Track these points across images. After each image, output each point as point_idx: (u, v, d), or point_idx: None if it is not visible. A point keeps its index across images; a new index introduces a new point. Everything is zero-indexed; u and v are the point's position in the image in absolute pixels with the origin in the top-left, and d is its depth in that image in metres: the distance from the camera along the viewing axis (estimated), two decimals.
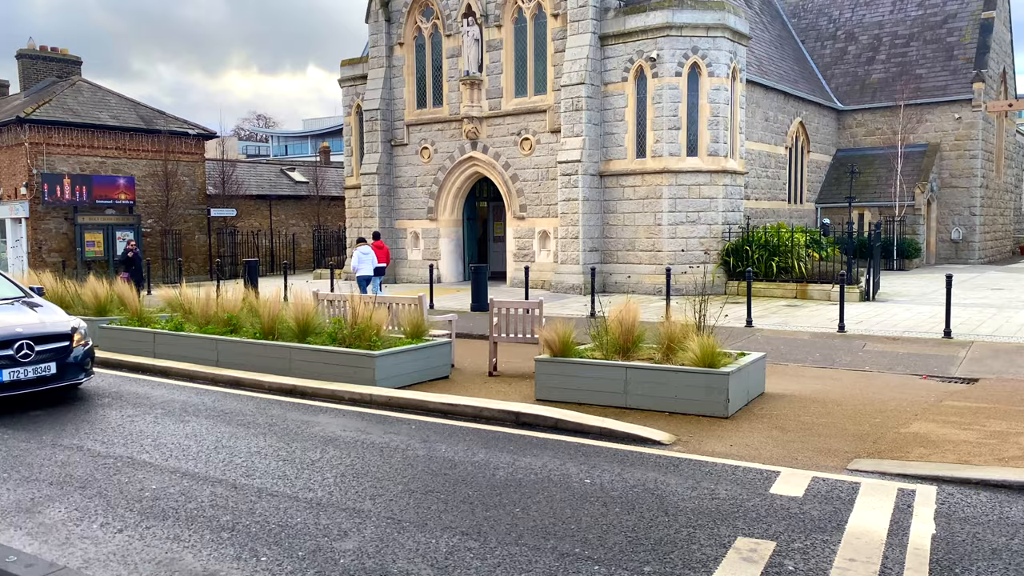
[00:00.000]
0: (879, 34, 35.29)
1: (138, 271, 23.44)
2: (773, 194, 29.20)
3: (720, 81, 21.85)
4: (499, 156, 24.69)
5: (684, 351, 9.00)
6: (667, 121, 21.71)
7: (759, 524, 5.57)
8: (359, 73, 28.52)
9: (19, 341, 9.05)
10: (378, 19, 27.09)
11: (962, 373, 10.96)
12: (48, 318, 9.83)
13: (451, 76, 25.72)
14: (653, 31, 21.66)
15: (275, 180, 38.59)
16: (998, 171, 36.09)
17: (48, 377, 9.26)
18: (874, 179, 32.00)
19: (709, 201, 22.01)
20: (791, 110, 30.26)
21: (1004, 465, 6.66)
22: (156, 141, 31.26)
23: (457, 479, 6.62)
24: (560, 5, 23.06)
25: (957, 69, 32.45)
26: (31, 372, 9.11)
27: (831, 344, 13.49)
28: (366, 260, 19.28)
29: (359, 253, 19.39)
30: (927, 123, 32.30)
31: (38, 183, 28.43)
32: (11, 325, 9.33)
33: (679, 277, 21.04)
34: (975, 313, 16.62)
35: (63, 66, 33.63)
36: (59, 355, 9.42)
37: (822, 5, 37.56)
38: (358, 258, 19.35)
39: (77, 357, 9.63)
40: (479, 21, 24.66)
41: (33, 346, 9.14)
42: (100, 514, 5.90)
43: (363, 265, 19.24)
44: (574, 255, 22.41)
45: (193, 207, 32.88)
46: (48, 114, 29.07)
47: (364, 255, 19.32)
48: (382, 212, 27.33)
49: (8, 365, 8.95)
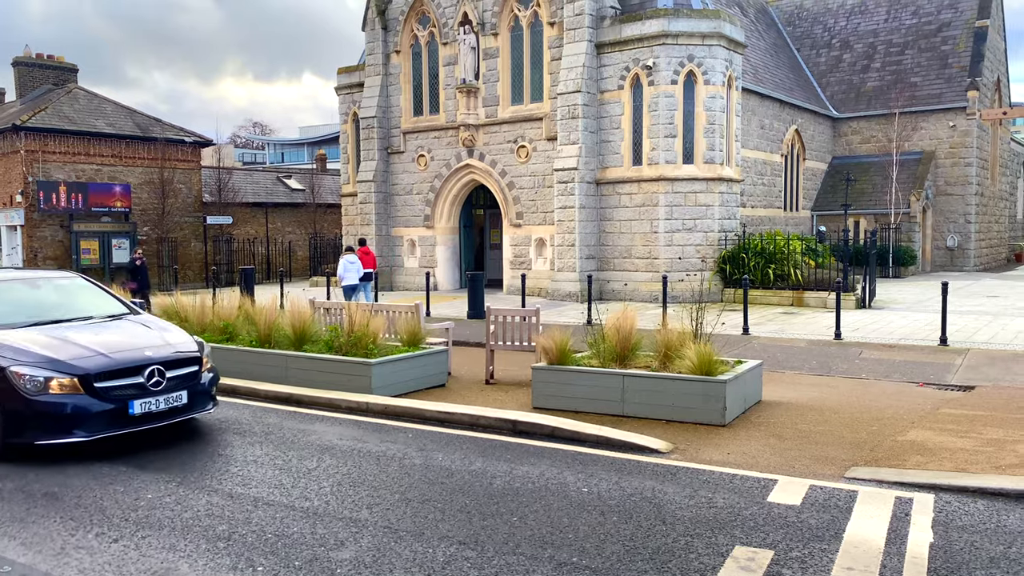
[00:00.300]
0: (874, 42, 35.45)
1: (144, 280, 23.48)
2: (769, 201, 29.27)
3: (716, 89, 21.92)
4: (496, 164, 24.72)
5: (681, 359, 9.00)
6: (663, 129, 21.75)
7: (757, 533, 5.56)
8: (356, 81, 28.56)
9: (150, 367, 7.81)
10: (375, 27, 27.14)
11: (958, 381, 10.97)
12: (173, 338, 8.65)
13: (448, 84, 25.77)
14: (649, 39, 21.73)
15: (271, 187, 38.58)
16: (993, 179, 36.21)
17: (180, 408, 8.02)
18: (870, 187, 32.09)
19: (705, 209, 22.04)
20: (787, 118, 30.36)
21: (1001, 473, 6.66)
22: (152, 149, 31.25)
23: (454, 488, 6.60)
24: (556, 13, 23.13)
25: (952, 77, 32.60)
26: (162, 403, 7.82)
27: (828, 352, 13.50)
28: (351, 269, 19.11)
29: (345, 262, 19.21)
30: (922, 131, 32.42)
31: (34, 191, 28.38)
32: (138, 347, 8.13)
33: (676, 285, 21.06)
34: (971, 320, 16.65)
35: (59, 73, 33.63)
36: (189, 382, 8.18)
37: (817, 13, 37.74)
38: (344, 267, 19.16)
39: (205, 383, 8.44)
40: (475, 29, 24.72)
41: (164, 372, 7.91)
42: (95, 524, 5.87)
43: (348, 274, 19.06)
44: (571, 263, 22.42)
45: (189, 214, 32.84)
46: (44, 122, 29.04)
47: (350, 264, 19.14)
48: (379, 220, 27.33)
49: (138, 395, 7.66)
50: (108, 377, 7.54)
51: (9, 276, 9.64)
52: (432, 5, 25.78)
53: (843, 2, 37.37)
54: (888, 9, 35.96)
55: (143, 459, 7.51)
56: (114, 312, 9.30)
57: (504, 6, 24.23)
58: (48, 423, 7.32)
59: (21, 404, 7.28)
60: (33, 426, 7.34)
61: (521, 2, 24.07)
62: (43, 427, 7.33)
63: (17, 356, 7.52)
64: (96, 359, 7.64)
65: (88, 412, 7.37)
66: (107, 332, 8.52)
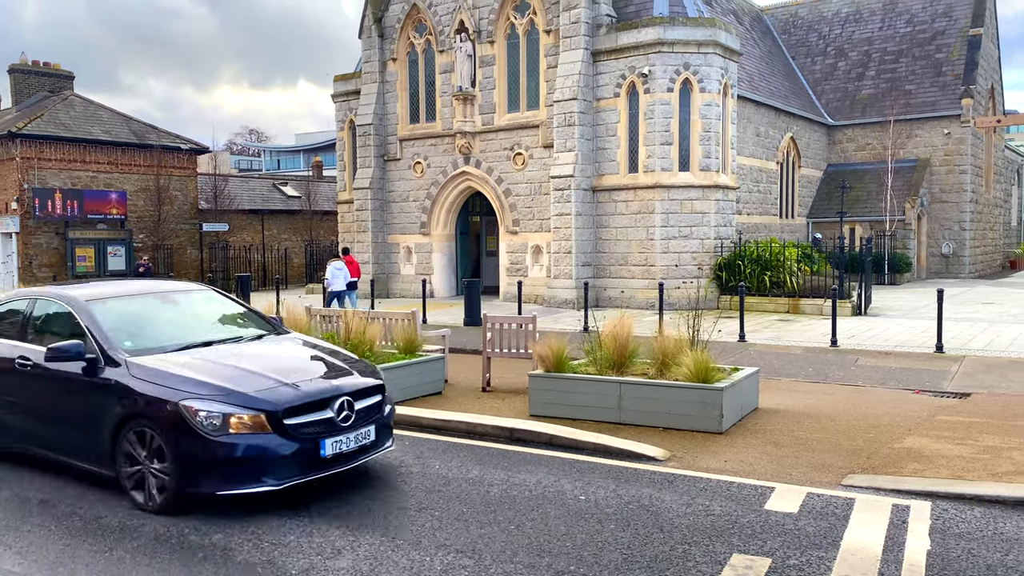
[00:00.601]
0: (869, 50, 35.61)
1: None
2: (765, 209, 29.33)
3: (711, 97, 21.99)
4: (492, 171, 24.75)
5: (678, 366, 9.00)
6: (659, 136, 21.81)
7: (754, 541, 5.56)
8: (352, 88, 28.59)
9: (339, 399, 6.54)
10: (371, 35, 27.19)
11: (954, 388, 10.99)
12: (348, 362, 7.42)
13: (444, 91, 25.81)
14: (645, 47, 21.80)
15: (267, 195, 38.57)
16: (987, 186, 36.35)
17: (368, 446, 6.77)
18: (865, 194, 32.19)
19: (701, 216, 22.08)
20: (782, 125, 30.46)
21: (998, 480, 6.68)
22: (148, 156, 31.21)
23: (451, 496, 6.59)
24: (553, 21, 23.20)
25: (946, 85, 32.75)
26: (352, 441, 6.55)
27: (824, 359, 13.52)
28: (339, 275, 19.81)
29: (332, 268, 19.95)
30: (917, 138, 32.54)
31: (29, 198, 28.33)
32: (320, 375, 6.86)
33: (672, 292, 21.08)
34: (966, 327, 16.69)
35: (55, 81, 33.60)
36: (374, 414, 6.91)
37: (812, 21, 37.90)
38: (331, 273, 19.90)
39: (387, 415, 7.16)
40: (472, 37, 24.77)
41: (353, 404, 6.63)
42: (91, 534, 5.84)
43: (336, 280, 19.76)
44: (567, 270, 22.43)
45: (185, 222, 32.81)
46: (40, 129, 29.01)
47: (337, 270, 19.86)
48: (375, 227, 27.33)
49: (328, 433, 6.38)
50: (298, 412, 6.28)
51: (141, 288, 8.30)
52: (428, 13, 25.85)
53: (838, 10, 37.54)
54: (882, 17, 36.13)
55: None
56: (261, 330, 7.98)
57: (500, 14, 24.30)
58: (232, 469, 6.06)
59: (198, 446, 6.02)
60: (214, 473, 6.06)
61: (517, 10, 24.15)
62: (226, 474, 6.07)
63: (188, 387, 6.23)
64: (282, 390, 6.37)
65: (278, 455, 6.13)
66: (275, 355, 7.30)
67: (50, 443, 7.10)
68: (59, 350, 6.70)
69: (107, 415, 6.49)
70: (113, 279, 13.57)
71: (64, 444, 6.97)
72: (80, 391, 6.78)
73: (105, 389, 6.56)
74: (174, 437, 6.10)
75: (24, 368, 7.17)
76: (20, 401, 7.34)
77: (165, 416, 6.16)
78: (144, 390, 6.33)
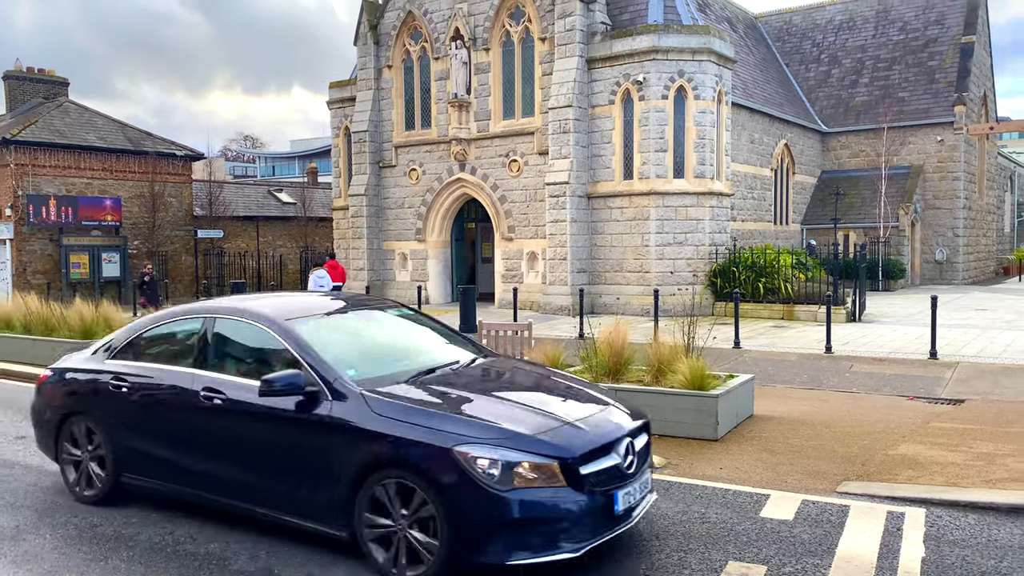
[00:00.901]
0: (862, 58, 35.79)
1: (153, 294, 23.73)
2: (759, 215, 29.42)
3: (706, 104, 22.07)
4: (487, 178, 24.79)
5: (673, 373, 9.01)
6: (654, 143, 21.88)
7: (750, 548, 5.57)
8: (347, 95, 28.62)
9: (624, 440, 5.38)
10: (367, 42, 27.23)
11: (948, 394, 11.02)
12: (596, 391, 6.22)
13: (439, 98, 25.85)
14: (640, 55, 21.88)
15: (262, 201, 38.55)
16: (980, 193, 36.52)
17: (646, 495, 5.62)
18: (859, 200, 32.31)
19: (696, 223, 22.14)
20: (776, 132, 30.57)
21: (992, 487, 6.70)
22: (143, 162, 31.20)
23: None
24: (547, 29, 23.27)
25: (939, 92, 32.92)
26: (637, 492, 5.40)
27: (819, 365, 13.55)
28: (320, 283, 19.78)
29: (314, 277, 19.93)
30: (910, 145, 32.70)
31: (23, 204, 28.28)
32: (593, 410, 5.61)
33: (667, 298, 21.10)
34: (960, 334, 16.75)
35: (50, 87, 33.59)
36: (646, 457, 5.78)
37: (806, 29, 38.08)
38: (313, 282, 19.86)
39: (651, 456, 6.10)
40: (467, 44, 24.84)
41: (634, 446, 5.49)
42: (85, 542, 5.82)
43: (318, 289, 19.69)
44: (562, 276, 22.46)
45: (180, 228, 32.77)
46: (34, 135, 28.97)
47: (319, 278, 19.81)
48: (370, 233, 27.33)
49: (618, 482, 5.18)
50: (589, 458, 5.07)
51: (325, 305, 6.83)
52: (424, 20, 25.91)
53: (831, 18, 37.74)
54: (876, 25, 36.33)
55: None
56: (471, 352, 6.79)
57: (496, 21, 24.37)
58: (523, 532, 4.84)
59: (479, 504, 4.81)
60: (500, 537, 4.83)
61: (512, 18, 24.22)
62: (515, 538, 4.83)
63: (455, 427, 5.02)
64: (566, 431, 5.18)
65: (573, 513, 4.91)
66: (523, 385, 6.18)
67: (242, 492, 5.75)
68: (277, 383, 5.36)
69: (338, 462, 5.24)
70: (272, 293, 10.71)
71: (265, 494, 5.64)
72: (294, 431, 5.49)
73: (331, 429, 5.30)
74: (446, 492, 4.84)
75: (208, 402, 5.88)
76: (199, 441, 5.98)
77: (431, 465, 4.89)
78: (393, 432, 5.06)
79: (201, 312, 6.58)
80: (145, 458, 6.31)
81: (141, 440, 6.32)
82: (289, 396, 5.43)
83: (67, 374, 6.97)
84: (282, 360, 5.77)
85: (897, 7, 36.08)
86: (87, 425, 6.67)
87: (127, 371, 6.51)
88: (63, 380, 6.97)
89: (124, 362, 6.63)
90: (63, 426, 6.81)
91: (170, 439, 6.14)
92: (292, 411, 5.47)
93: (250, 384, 5.72)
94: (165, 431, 6.18)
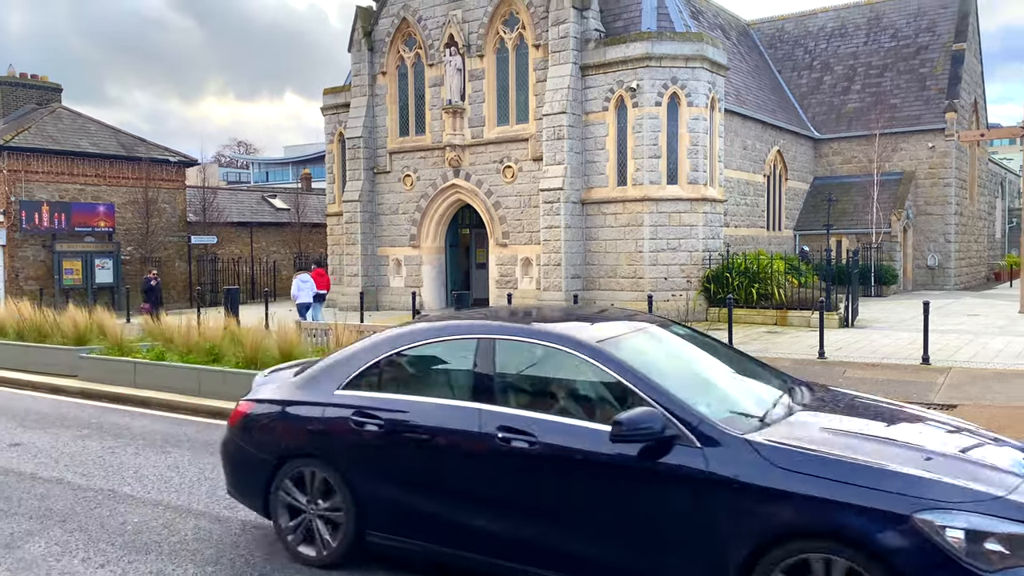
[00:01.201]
0: (854, 64, 36.00)
1: (157, 299, 23.80)
2: (752, 221, 29.54)
3: (699, 111, 22.17)
4: (482, 184, 24.83)
5: None
6: (647, 150, 21.96)
7: None
8: (341, 101, 28.66)
9: None
10: (361, 48, 27.28)
11: (941, 399, 11.08)
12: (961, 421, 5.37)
13: (434, 105, 25.90)
14: (633, 62, 21.98)
15: (256, 207, 38.52)
16: (972, 199, 36.74)
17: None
18: (851, 206, 32.47)
19: (689, 228, 22.23)
20: (769, 139, 30.72)
21: None
22: (136, 168, 31.15)
23: None
24: (541, 36, 23.36)
25: (930, 99, 33.14)
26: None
27: (812, 371, 13.60)
28: (305, 288, 20.25)
29: (298, 281, 20.38)
30: (902, 151, 32.89)
31: (16, 210, 28.20)
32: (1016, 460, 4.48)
33: (661, 304, 21.16)
34: (952, 339, 16.84)
35: (43, 93, 33.55)
36: None
37: (798, 36, 38.29)
38: (297, 286, 20.31)
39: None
40: (461, 51, 24.90)
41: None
42: (81, 549, 5.82)
43: (302, 293, 20.18)
44: (556, 282, 22.50)
45: (173, 234, 32.72)
46: (27, 141, 28.91)
47: (303, 283, 20.30)
48: (364, 239, 27.33)
49: None
50: None
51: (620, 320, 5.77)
52: (418, 27, 25.97)
53: (823, 25, 37.97)
54: (867, 32, 36.56)
55: (123, 487, 7.43)
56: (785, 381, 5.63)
57: (490, 28, 24.45)
58: None
59: None
60: None
61: (507, 24, 24.31)
62: None
63: (914, 489, 3.91)
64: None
65: None
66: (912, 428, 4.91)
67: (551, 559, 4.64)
68: (632, 424, 4.29)
69: (716, 529, 4.16)
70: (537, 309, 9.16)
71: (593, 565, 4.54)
72: (643, 486, 4.41)
73: (705, 486, 4.20)
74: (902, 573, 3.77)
75: (507, 445, 4.76)
76: (488, 493, 4.87)
77: (880, 538, 3.81)
78: (815, 492, 3.96)
79: (468, 332, 5.40)
80: (404, 513, 5.13)
81: (399, 490, 5.13)
82: (638, 442, 4.35)
83: (287, 408, 5.69)
84: (610, 393, 4.74)
85: (888, 14, 36.33)
86: (315, 470, 5.42)
87: (373, 405, 5.31)
88: (282, 415, 5.69)
89: (364, 393, 5.42)
90: (279, 471, 5.57)
91: (443, 490, 5.00)
92: (634, 459, 4.39)
93: (573, 425, 4.65)
94: (435, 480, 5.03)
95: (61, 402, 11.88)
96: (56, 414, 10.85)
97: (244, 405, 5.99)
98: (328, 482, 5.34)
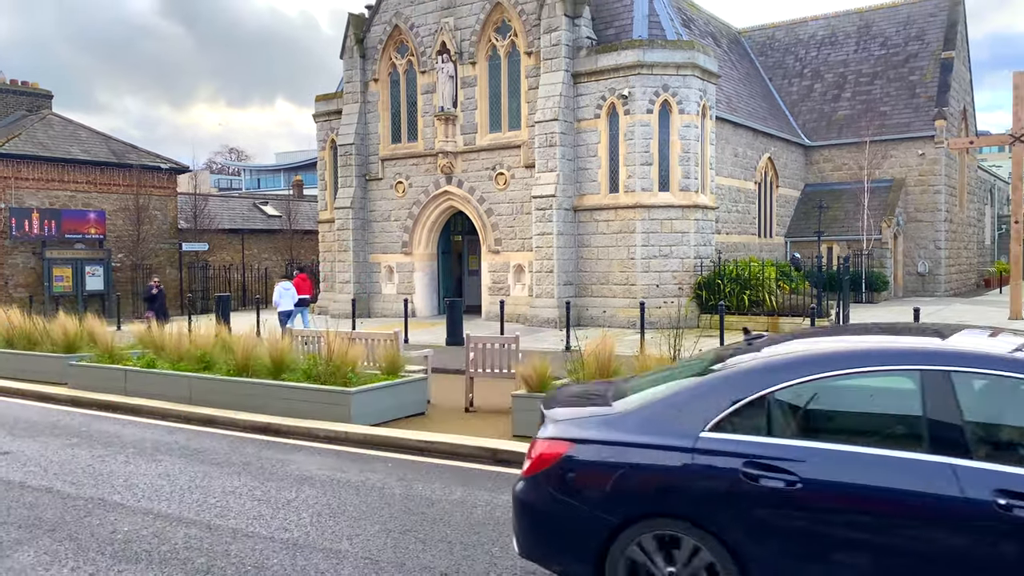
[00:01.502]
0: (844, 72, 36.20)
1: (162, 307, 23.75)
2: (743, 228, 29.63)
3: (691, 118, 22.25)
4: (474, 190, 24.85)
5: None
6: (639, 157, 22.02)
7: None
8: (333, 108, 28.65)
9: None
10: (353, 55, 27.30)
11: None
12: None
13: (426, 112, 25.93)
14: (625, 69, 22.05)
15: (248, 214, 38.43)
16: (961, 205, 36.95)
17: None
18: (842, 213, 32.61)
19: (681, 235, 22.28)
20: (760, 146, 30.84)
21: None
22: (127, 175, 31.05)
23: (435, 518, 6.59)
24: (534, 43, 23.42)
25: (920, 107, 33.35)
26: None
27: None
28: (286, 295, 20.41)
29: (280, 288, 20.61)
30: (892, 159, 33.06)
31: (6, 217, 28.06)
32: None
33: (653, 311, 21.18)
34: None
35: (33, 100, 33.44)
36: None
37: (789, 44, 38.50)
38: (279, 293, 20.50)
39: None
40: (453, 58, 24.94)
41: None
42: (71, 558, 5.78)
43: (283, 300, 20.33)
44: (549, 289, 22.51)
45: (164, 241, 32.60)
46: (17, 148, 28.78)
47: (285, 290, 20.48)
48: (356, 246, 27.29)
49: None
50: None
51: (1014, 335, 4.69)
52: (410, 34, 26.01)
53: (814, 33, 38.19)
54: (857, 40, 36.79)
55: (113, 496, 7.39)
56: None
57: (482, 36, 24.50)
58: None
59: None
60: None
61: (499, 32, 24.36)
62: None
63: None
64: None
65: None
66: None
67: None
68: None
69: None
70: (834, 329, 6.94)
71: None
72: None
73: None
74: None
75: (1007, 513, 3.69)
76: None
77: None
78: None
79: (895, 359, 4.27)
80: None
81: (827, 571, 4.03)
82: None
83: (631, 451, 4.43)
84: None
85: (878, 23, 36.58)
86: (681, 535, 4.27)
87: (774, 456, 4.12)
88: (627, 463, 4.43)
89: (750, 438, 4.24)
90: (619, 536, 4.38)
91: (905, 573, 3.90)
92: None
93: None
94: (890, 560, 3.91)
95: (51, 410, 11.82)
96: (46, 422, 10.78)
97: (558, 445, 4.58)
98: (699, 550, 4.21)
